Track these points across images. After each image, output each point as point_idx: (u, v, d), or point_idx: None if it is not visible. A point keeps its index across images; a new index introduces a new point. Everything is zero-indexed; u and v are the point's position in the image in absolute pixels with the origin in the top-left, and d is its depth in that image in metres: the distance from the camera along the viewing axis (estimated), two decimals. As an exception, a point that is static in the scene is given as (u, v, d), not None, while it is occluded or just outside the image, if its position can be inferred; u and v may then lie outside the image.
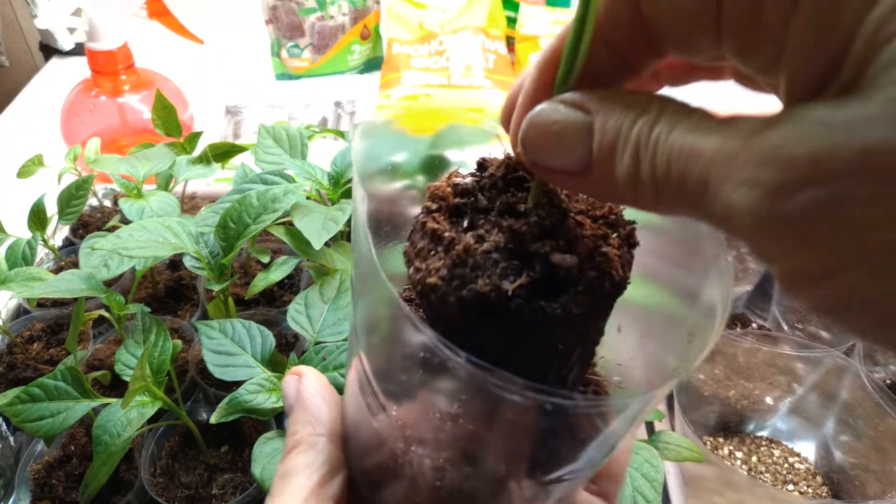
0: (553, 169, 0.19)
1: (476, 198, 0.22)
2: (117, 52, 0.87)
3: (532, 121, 0.19)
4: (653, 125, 0.17)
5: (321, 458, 0.26)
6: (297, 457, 0.26)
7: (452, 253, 0.20)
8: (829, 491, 0.61)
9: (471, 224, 0.21)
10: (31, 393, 0.46)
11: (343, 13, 1.12)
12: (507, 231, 0.21)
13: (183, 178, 0.64)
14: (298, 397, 0.28)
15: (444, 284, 0.20)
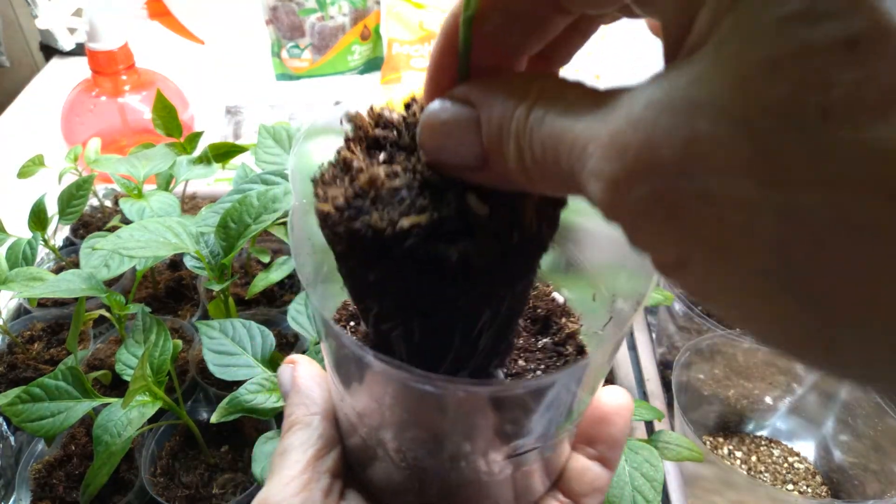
0: (453, 166, 0.18)
1: (399, 133, 0.21)
2: (118, 53, 0.87)
3: (424, 121, 0.19)
4: (529, 111, 0.16)
5: (315, 434, 0.27)
6: (293, 435, 0.27)
7: (356, 183, 0.19)
8: (829, 490, 0.61)
9: (387, 159, 0.20)
10: (31, 393, 0.46)
11: (343, 13, 1.12)
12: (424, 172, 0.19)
13: (183, 179, 0.64)
14: (293, 382, 0.28)
15: (337, 214, 0.18)
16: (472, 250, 0.18)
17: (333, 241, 0.19)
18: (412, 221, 0.18)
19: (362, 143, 0.21)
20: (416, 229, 0.18)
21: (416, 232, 0.18)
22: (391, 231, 0.18)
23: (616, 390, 0.27)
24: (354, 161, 0.20)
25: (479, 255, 0.18)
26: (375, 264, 0.19)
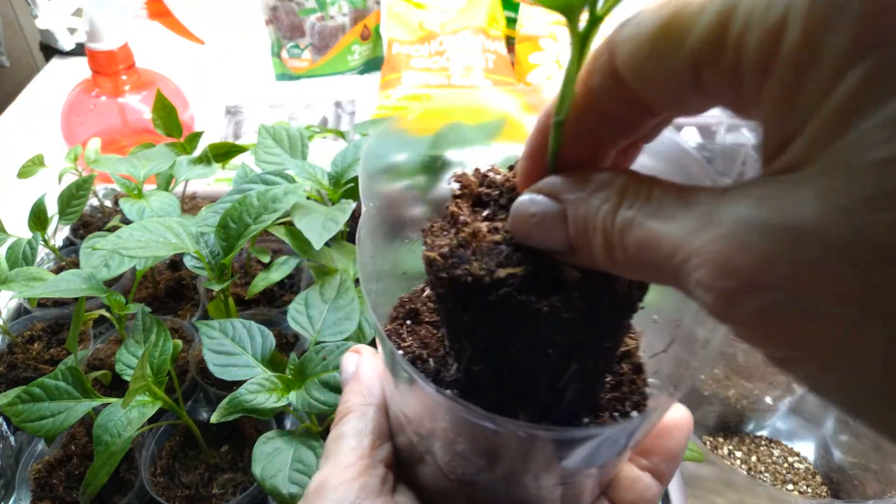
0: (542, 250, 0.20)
1: (501, 193, 0.22)
2: (118, 53, 0.87)
3: (515, 213, 0.20)
4: (615, 210, 0.18)
5: (371, 425, 0.27)
6: (348, 422, 0.27)
7: (461, 234, 0.21)
8: (829, 490, 0.61)
9: (489, 216, 0.22)
10: (31, 393, 0.46)
11: (343, 13, 1.12)
12: None
13: (183, 179, 0.64)
14: (356, 371, 0.29)
15: (442, 261, 0.20)
16: (562, 306, 0.19)
17: (436, 284, 0.21)
18: (508, 272, 0.19)
19: (468, 200, 0.23)
20: (511, 279, 0.19)
21: (511, 282, 0.19)
22: (489, 279, 0.19)
23: (677, 406, 0.27)
24: (461, 216, 0.22)
25: (568, 310, 0.19)
26: (471, 308, 0.20)
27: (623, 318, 0.21)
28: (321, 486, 0.25)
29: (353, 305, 0.49)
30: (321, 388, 0.43)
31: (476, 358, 0.22)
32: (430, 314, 0.28)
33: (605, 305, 0.20)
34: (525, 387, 0.21)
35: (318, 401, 0.43)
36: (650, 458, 0.27)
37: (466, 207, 0.22)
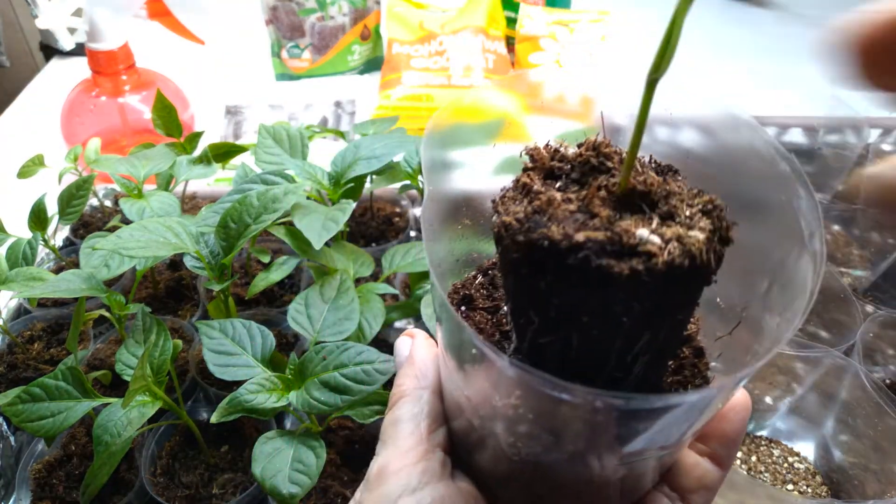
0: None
1: (573, 167, 0.23)
2: (118, 53, 0.87)
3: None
4: None
5: (426, 409, 0.27)
6: (404, 406, 0.27)
7: (535, 202, 0.21)
8: (829, 490, 0.61)
9: (561, 188, 0.22)
10: (31, 393, 0.46)
11: (343, 13, 1.12)
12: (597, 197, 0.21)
13: (183, 179, 0.64)
14: (410, 354, 0.29)
15: (518, 225, 0.20)
16: (642, 269, 0.19)
17: (511, 250, 0.21)
18: (587, 235, 0.19)
19: (540, 173, 0.23)
20: (590, 243, 0.19)
21: (590, 246, 0.19)
22: (567, 243, 0.19)
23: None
24: (534, 185, 0.22)
25: (648, 273, 0.19)
26: (548, 273, 0.20)
27: (698, 287, 0.21)
28: (383, 471, 0.26)
29: (353, 305, 0.49)
30: (321, 388, 0.43)
31: (544, 329, 0.21)
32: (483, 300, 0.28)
33: (685, 271, 0.19)
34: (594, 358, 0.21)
35: (318, 401, 0.43)
36: (708, 444, 0.27)
37: (538, 179, 0.22)
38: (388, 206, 0.83)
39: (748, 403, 0.27)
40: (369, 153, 0.61)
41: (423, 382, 0.28)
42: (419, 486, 0.25)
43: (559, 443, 0.23)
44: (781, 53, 1.29)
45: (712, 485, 0.26)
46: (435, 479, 0.25)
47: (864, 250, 0.83)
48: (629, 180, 0.21)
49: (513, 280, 0.22)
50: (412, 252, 0.58)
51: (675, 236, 0.20)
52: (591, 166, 0.23)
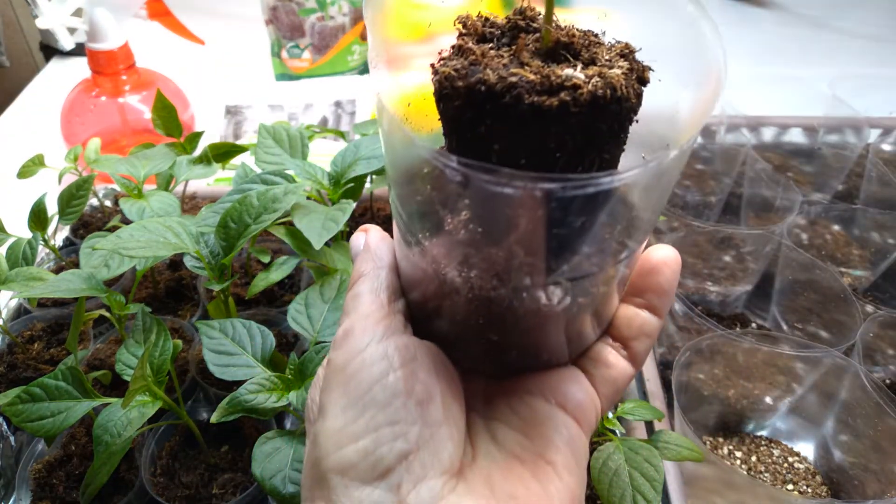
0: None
1: (503, 32, 0.25)
2: (118, 52, 0.87)
3: None
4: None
5: (385, 283, 0.29)
6: (363, 283, 0.29)
7: (471, 57, 0.23)
8: (829, 490, 0.61)
9: (494, 47, 0.24)
10: (31, 393, 0.46)
11: (343, 13, 1.12)
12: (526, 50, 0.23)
13: (183, 179, 0.64)
14: (365, 243, 0.31)
15: (456, 73, 0.22)
16: (570, 100, 0.21)
17: (451, 97, 0.23)
18: (520, 74, 0.21)
19: (473, 38, 0.25)
20: (523, 82, 0.21)
21: (522, 84, 0.21)
22: (501, 84, 0.21)
23: (662, 246, 0.29)
24: (467, 46, 0.24)
25: (575, 104, 0.21)
26: (486, 116, 0.22)
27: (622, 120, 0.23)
28: (348, 332, 0.27)
29: (353, 305, 0.49)
30: (321, 388, 0.43)
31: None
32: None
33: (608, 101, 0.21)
34: None
35: (318, 401, 0.43)
36: (644, 296, 0.29)
37: (472, 42, 0.24)
38: (388, 205, 0.83)
39: (678, 259, 0.29)
40: (369, 153, 0.61)
41: (379, 263, 0.30)
42: (384, 337, 0.26)
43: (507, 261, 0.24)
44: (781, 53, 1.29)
45: (651, 332, 0.29)
46: (398, 332, 0.27)
47: (864, 250, 0.83)
48: (552, 34, 0.24)
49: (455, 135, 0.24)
50: (412, 252, 0.57)
51: (598, 73, 0.22)
52: (519, 28, 0.25)
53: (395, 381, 0.25)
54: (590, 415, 0.28)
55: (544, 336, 0.28)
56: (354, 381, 0.26)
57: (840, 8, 1.48)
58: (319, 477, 0.25)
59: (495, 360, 0.29)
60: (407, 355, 0.26)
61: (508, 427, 0.27)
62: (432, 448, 0.25)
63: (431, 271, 0.26)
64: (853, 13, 1.47)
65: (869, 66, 1.26)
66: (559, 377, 0.28)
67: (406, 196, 0.27)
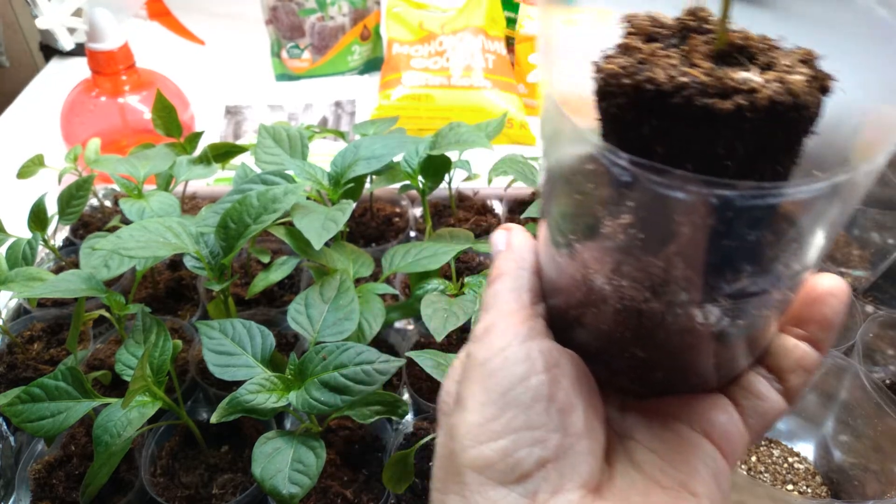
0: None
1: (672, 33, 0.23)
2: (118, 53, 0.87)
3: None
4: None
5: (527, 284, 0.28)
6: (504, 281, 0.28)
7: (638, 55, 0.22)
8: (829, 490, 0.61)
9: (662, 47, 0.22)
10: (31, 393, 0.46)
11: (343, 14, 1.12)
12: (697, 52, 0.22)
13: (183, 179, 0.64)
14: (507, 243, 0.30)
15: (622, 71, 0.21)
16: (746, 104, 0.19)
17: (615, 95, 0.21)
18: (691, 75, 0.20)
19: (640, 37, 0.23)
20: (695, 84, 0.20)
21: (694, 86, 0.20)
22: (671, 84, 0.20)
23: (829, 275, 0.26)
24: (634, 45, 0.22)
25: (752, 108, 0.19)
26: (652, 116, 0.21)
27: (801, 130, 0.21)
28: (490, 328, 0.26)
29: (352, 305, 0.49)
30: (321, 388, 0.43)
31: None
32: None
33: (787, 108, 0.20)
34: None
35: (318, 401, 0.43)
36: (806, 328, 0.26)
37: (639, 41, 0.23)
38: (388, 206, 0.83)
39: (847, 290, 0.26)
40: (369, 153, 0.61)
41: (521, 264, 0.28)
42: (527, 338, 0.25)
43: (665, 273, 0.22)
44: (781, 54, 1.29)
45: (811, 367, 0.26)
46: (541, 336, 0.26)
47: (864, 250, 0.83)
48: (727, 35, 0.22)
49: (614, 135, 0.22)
50: (412, 252, 0.58)
51: (777, 78, 0.20)
52: (689, 29, 0.23)
53: (539, 384, 0.24)
54: (736, 447, 0.26)
55: (695, 357, 0.26)
56: (495, 379, 0.25)
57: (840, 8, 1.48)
58: (455, 470, 0.24)
59: (637, 378, 0.27)
60: (551, 360, 0.25)
61: (648, 450, 0.25)
62: (571, 459, 0.24)
63: (579, 277, 0.25)
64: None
65: (869, 67, 1.26)
66: (706, 403, 0.26)
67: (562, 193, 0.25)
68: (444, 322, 0.51)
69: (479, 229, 0.78)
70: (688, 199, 0.19)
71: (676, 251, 0.22)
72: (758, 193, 0.19)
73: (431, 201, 0.82)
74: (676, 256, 0.22)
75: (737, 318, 0.24)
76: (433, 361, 0.47)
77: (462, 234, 0.63)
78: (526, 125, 1.01)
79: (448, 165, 0.68)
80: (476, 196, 0.84)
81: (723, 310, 0.23)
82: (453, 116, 1.00)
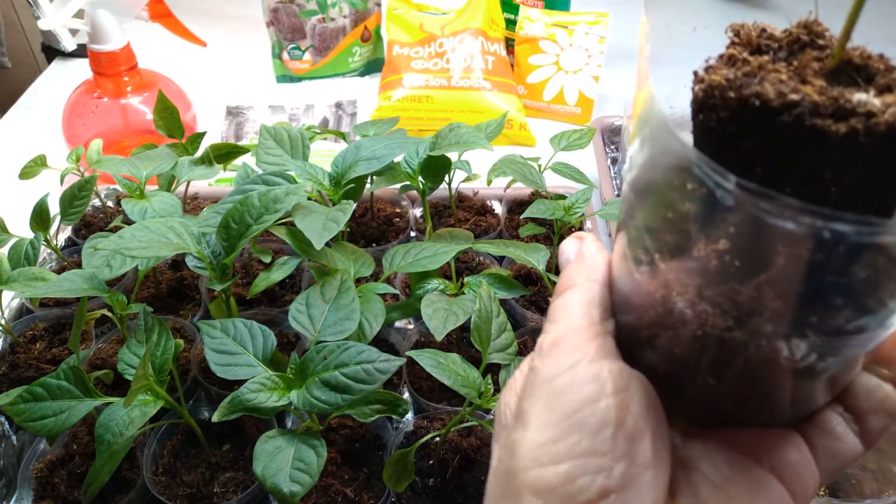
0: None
1: (780, 46, 0.22)
2: (119, 54, 0.88)
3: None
4: None
5: (598, 298, 0.26)
6: (573, 294, 0.26)
7: (745, 68, 0.20)
8: (827, 490, 0.62)
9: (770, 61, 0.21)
10: (33, 392, 0.46)
11: (344, 15, 1.12)
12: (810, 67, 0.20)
13: (185, 179, 0.64)
14: (578, 252, 0.28)
15: (727, 83, 0.20)
16: (861, 128, 0.18)
17: (718, 108, 0.20)
18: (803, 92, 0.18)
19: (746, 48, 0.22)
20: (806, 102, 0.18)
21: (805, 104, 0.18)
22: (780, 101, 0.18)
23: None
24: (741, 56, 0.21)
25: (867, 134, 0.18)
26: (755, 134, 0.19)
27: None
28: (558, 341, 0.25)
29: (353, 305, 0.50)
30: (322, 387, 0.43)
31: None
32: None
33: None
34: None
35: (319, 400, 0.43)
36: (891, 368, 0.25)
37: (745, 52, 0.21)
38: (389, 206, 0.83)
39: None
40: (370, 154, 0.62)
41: (593, 275, 0.27)
42: (597, 357, 0.24)
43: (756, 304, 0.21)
44: (781, 55, 1.29)
45: (893, 410, 0.25)
46: (611, 356, 0.25)
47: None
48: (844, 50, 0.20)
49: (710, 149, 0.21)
50: (412, 252, 0.58)
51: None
52: (801, 43, 0.21)
53: (607, 408, 0.23)
54: (807, 489, 0.24)
55: (771, 391, 0.24)
56: (562, 398, 0.23)
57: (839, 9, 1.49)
58: (513, 490, 0.23)
59: (706, 406, 0.26)
60: (621, 382, 0.24)
61: (713, 485, 0.24)
62: (636, 491, 0.23)
63: (658, 297, 0.23)
64: (852, 15, 1.47)
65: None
66: (777, 440, 0.25)
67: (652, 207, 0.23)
68: (444, 321, 0.51)
69: (479, 229, 0.78)
70: (797, 231, 0.18)
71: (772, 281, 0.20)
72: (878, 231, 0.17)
73: (431, 202, 0.83)
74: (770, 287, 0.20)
75: (826, 355, 0.22)
76: (433, 360, 0.47)
77: (462, 235, 0.63)
78: (525, 126, 1.02)
79: (448, 166, 0.68)
80: (476, 196, 0.84)
81: (811, 345, 0.21)
82: (453, 117, 1.01)
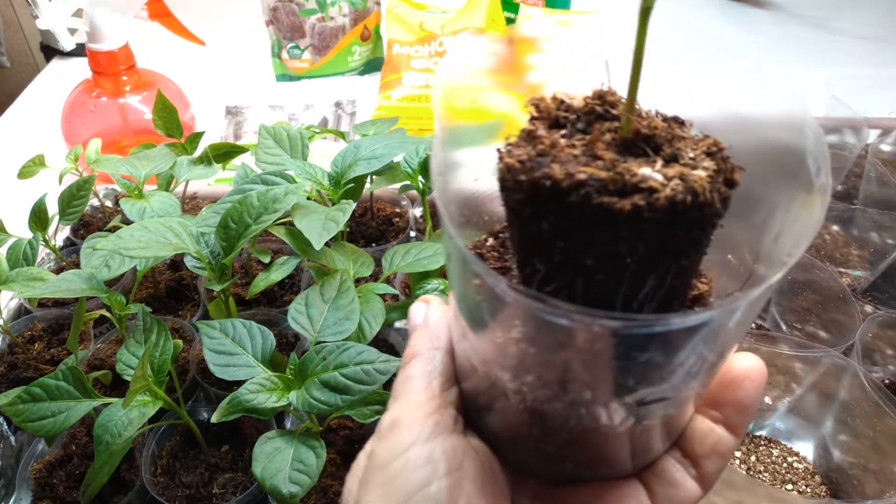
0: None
1: (578, 117, 0.23)
2: (118, 53, 0.87)
3: None
4: None
5: (439, 367, 0.27)
6: (416, 364, 0.27)
7: (539, 146, 0.21)
8: (828, 490, 0.61)
9: (566, 136, 0.22)
10: (32, 393, 0.46)
11: (343, 14, 1.12)
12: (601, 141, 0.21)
13: (184, 179, 0.64)
14: (423, 318, 0.29)
15: (520, 165, 0.20)
16: (644, 205, 0.19)
17: (514, 191, 0.21)
18: (589, 172, 0.19)
19: (545, 122, 0.23)
20: (592, 181, 0.19)
21: (592, 183, 0.19)
22: (568, 181, 0.19)
23: (747, 355, 0.26)
24: (538, 132, 0.22)
25: (650, 209, 0.19)
26: (550, 214, 0.20)
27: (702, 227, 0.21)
28: (395, 423, 0.26)
29: (353, 305, 0.49)
30: (321, 388, 0.43)
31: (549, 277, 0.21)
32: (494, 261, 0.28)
33: (687, 208, 0.19)
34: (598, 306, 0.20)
35: (319, 400, 0.43)
36: (722, 410, 0.26)
37: (543, 128, 0.22)
38: (388, 206, 0.83)
39: (764, 371, 0.26)
40: (369, 153, 0.62)
41: (436, 343, 0.28)
42: (431, 437, 0.25)
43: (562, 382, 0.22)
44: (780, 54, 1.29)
45: (726, 452, 0.26)
46: (447, 431, 0.25)
47: (864, 250, 0.83)
48: (632, 123, 0.21)
49: (517, 227, 0.22)
50: (412, 252, 0.58)
51: (678, 174, 0.20)
52: (596, 115, 0.23)
53: (439, 491, 0.24)
54: None
55: (604, 452, 0.25)
56: (395, 484, 0.24)
57: (839, 8, 1.49)
58: None
59: (548, 468, 0.27)
60: (454, 462, 0.24)
61: None
62: None
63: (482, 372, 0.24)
64: (852, 14, 1.47)
65: (868, 67, 1.26)
66: (619, 493, 0.26)
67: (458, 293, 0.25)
68: (444, 322, 0.51)
69: (479, 229, 0.78)
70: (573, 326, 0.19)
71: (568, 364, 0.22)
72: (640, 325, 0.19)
73: (431, 201, 0.83)
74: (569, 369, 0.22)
75: (644, 417, 0.23)
76: (433, 361, 0.47)
77: (462, 235, 0.63)
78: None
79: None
80: (476, 196, 0.84)
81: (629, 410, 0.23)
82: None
